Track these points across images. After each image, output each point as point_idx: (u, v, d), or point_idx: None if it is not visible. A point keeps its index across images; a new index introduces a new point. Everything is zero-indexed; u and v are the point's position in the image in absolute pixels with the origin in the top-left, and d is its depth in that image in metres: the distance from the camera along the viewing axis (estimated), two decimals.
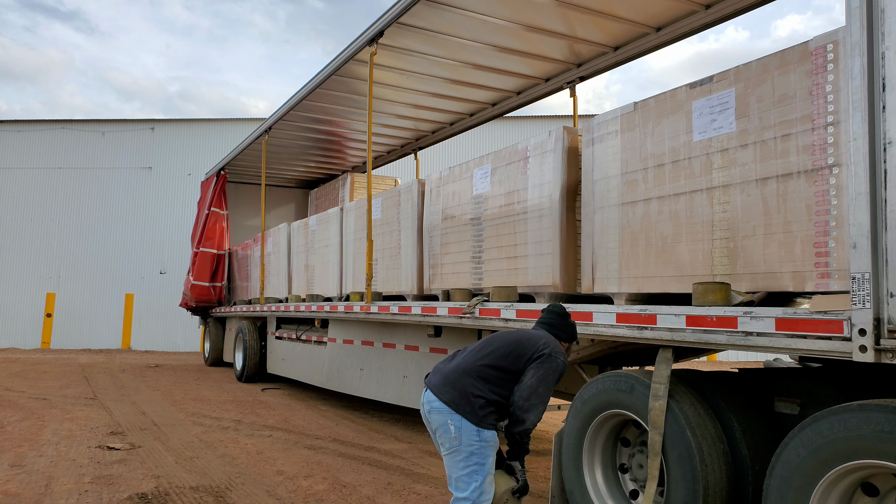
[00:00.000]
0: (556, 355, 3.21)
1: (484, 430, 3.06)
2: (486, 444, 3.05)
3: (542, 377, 3.13)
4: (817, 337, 2.70)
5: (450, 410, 3.08)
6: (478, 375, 3.17)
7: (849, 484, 2.61)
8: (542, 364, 3.15)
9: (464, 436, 3.02)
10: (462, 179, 5.75)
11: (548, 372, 3.15)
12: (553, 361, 3.18)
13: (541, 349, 3.20)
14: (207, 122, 21.25)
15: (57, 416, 7.94)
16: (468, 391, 3.11)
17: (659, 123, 3.84)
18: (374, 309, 6.80)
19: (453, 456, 3.06)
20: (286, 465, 5.77)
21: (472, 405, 3.08)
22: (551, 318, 3.55)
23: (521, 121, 19.83)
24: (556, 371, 3.19)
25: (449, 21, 6.42)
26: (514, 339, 3.32)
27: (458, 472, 3.03)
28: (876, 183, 2.49)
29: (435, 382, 3.23)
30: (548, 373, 3.15)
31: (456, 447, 3.04)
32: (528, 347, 3.23)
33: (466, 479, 3.01)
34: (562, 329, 3.51)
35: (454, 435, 3.04)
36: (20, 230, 20.07)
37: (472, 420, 3.04)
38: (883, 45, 2.50)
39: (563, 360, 3.24)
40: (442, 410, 3.10)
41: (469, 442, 3.02)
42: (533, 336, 3.33)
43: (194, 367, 14.49)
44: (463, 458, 3.02)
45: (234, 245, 13.60)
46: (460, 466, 3.02)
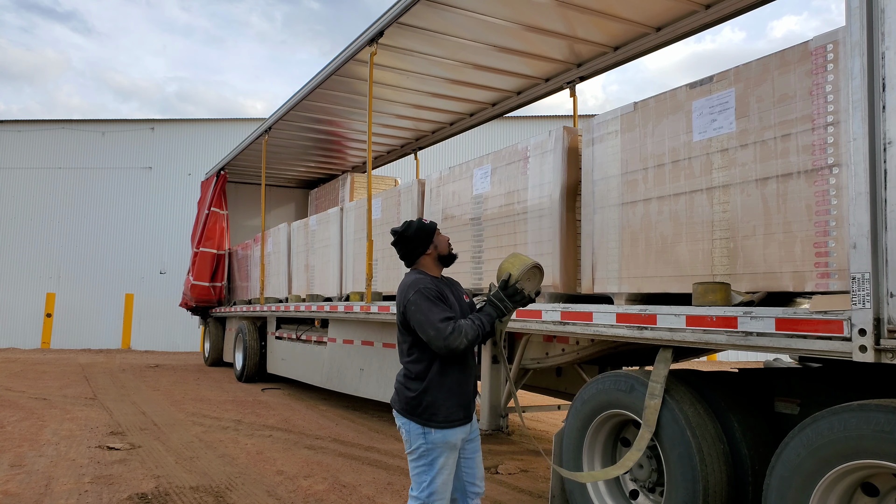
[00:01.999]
0: (413, 295, 2.97)
1: (430, 430, 2.96)
2: (432, 445, 2.96)
3: (420, 318, 2.90)
4: (817, 337, 2.70)
5: (398, 415, 3.09)
6: (402, 372, 3.11)
7: (849, 484, 2.61)
8: (413, 311, 2.94)
9: (412, 438, 3.00)
10: (462, 179, 5.75)
11: (419, 309, 2.92)
12: (415, 299, 2.95)
13: (404, 304, 3.01)
14: (207, 122, 21.26)
15: (57, 416, 7.94)
16: (401, 390, 3.07)
17: (659, 123, 3.84)
18: (374, 309, 6.80)
19: (408, 457, 3.07)
20: (286, 465, 5.77)
21: (408, 403, 3.03)
22: (403, 249, 3.19)
23: (521, 121, 19.83)
24: (421, 294, 2.95)
25: (449, 21, 6.42)
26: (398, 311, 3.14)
27: (411, 472, 3.04)
28: (876, 183, 2.49)
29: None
30: (422, 307, 2.91)
31: (408, 449, 3.05)
32: (400, 311, 3.05)
33: (416, 479, 3.00)
34: (416, 244, 3.16)
35: (406, 438, 3.04)
36: (20, 230, 20.07)
37: (416, 420, 2.99)
38: (883, 45, 2.50)
39: (421, 285, 2.98)
40: (396, 416, 3.11)
41: (416, 444, 2.99)
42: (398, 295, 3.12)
43: (194, 367, 14.49)
44: (413, 460, 3.02)
45: (234, 245, 13.60)
46: (412, 467, 3.03)
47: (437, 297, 2.96)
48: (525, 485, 5.23)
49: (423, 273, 3.15)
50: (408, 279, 3.11)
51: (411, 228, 3.17)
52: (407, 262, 3.25)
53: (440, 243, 3.20)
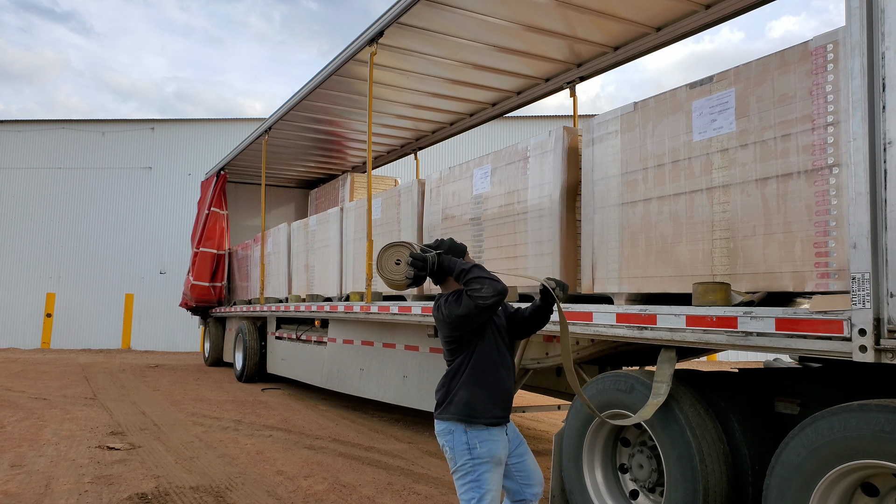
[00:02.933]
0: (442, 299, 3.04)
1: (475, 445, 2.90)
2: (479, 461, 2.90)
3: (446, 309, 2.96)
4: (817, 337, 2.70)
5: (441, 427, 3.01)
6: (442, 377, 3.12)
7: (849, 484, 2.61)
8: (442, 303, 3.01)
9: (457, 454, 2.93)
10: (462, 179, 5.75)
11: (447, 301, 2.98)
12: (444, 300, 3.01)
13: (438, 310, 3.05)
14: (207, 123, 21.26)
15: (57, 416, 7.94)
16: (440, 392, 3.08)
17: (659, 123, 3.84)
18: (374, 309, 6.80)
19: (454, 476, 2.99)
20: (286, 465, 5.77)
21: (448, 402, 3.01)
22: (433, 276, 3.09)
23: (521, 121, 19.83)
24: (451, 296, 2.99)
25: (449, 21, 6.42)
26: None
27: (459, 492, 2.96)
28: (876, 183, 2.49)
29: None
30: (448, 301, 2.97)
31: (453, 467, 2.97)
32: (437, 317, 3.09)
33: (464, 498, 2.93)
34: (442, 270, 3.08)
35: (450, 455, 2.97)
36: (20, 230, 20.07)
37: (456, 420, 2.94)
38: (883, 45, 2.50)
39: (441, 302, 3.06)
40: (439, 432, 3.04)
41: (462, 460, 2.92)
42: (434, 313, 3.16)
43: (194, 367, 14.49)
44: (459, 477, 2.94)
45: (234, 245, 13.60)
46: (459, 486, 2.95)
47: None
48: None
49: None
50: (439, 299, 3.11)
51: (430, 256, 3.08)
52: (436, 282, 3.19)
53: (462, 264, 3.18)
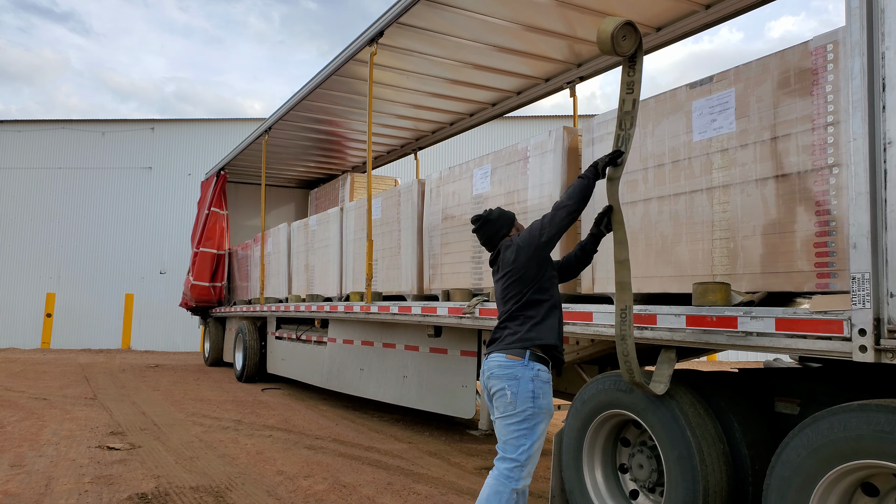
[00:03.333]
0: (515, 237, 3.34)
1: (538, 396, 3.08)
2: (538, 410, 3.08)
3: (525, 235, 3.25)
4: (817, 337, 2.70)
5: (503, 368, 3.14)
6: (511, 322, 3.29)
7: (849, 484, 2.61)
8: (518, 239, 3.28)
9: (519, 400, 3.07)
10: (462, 179, 5.75)
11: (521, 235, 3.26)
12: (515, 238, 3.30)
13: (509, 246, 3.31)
14: (207, 123, 21.26)
15: (57, 416, 7.94)
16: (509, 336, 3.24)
17: (659, 123, 3.84)
18: (374, 309, 6.80)
19: (505, 420, 3.11)
20: (286, 465, 5.77)
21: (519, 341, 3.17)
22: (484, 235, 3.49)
23: (521, 121, 19.83)
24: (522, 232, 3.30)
25: (449, 21, 6.42)
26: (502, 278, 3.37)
27: (508, 436, 3.08)
28: (876, 183, 2.49)
29: (489, 348, 3.33)
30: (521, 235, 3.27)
31: (510, 411, 3.08)
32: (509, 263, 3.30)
33: (514, 443, 3.07)
34: (499, 227, 3.46)
35: (510, 399, 3.09)
36: (20, 230, 20.07)
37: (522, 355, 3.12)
38: (883, 45, 2.50)
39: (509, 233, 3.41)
40: (501, 375, 3.15)
41: (523, 406, 3.07)
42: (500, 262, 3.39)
43: (194, 367, 14.49)
44: (513, 423, 3.07)
45: (234, 245, 13.60)
46: (510, 430, 3.08)
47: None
48: None
49: None
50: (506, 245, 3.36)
51: (494, 213, 3.46)
52: (489, 246, 3.50)
53: (519, 229, 3.49)
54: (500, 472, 3.07)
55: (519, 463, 3.04)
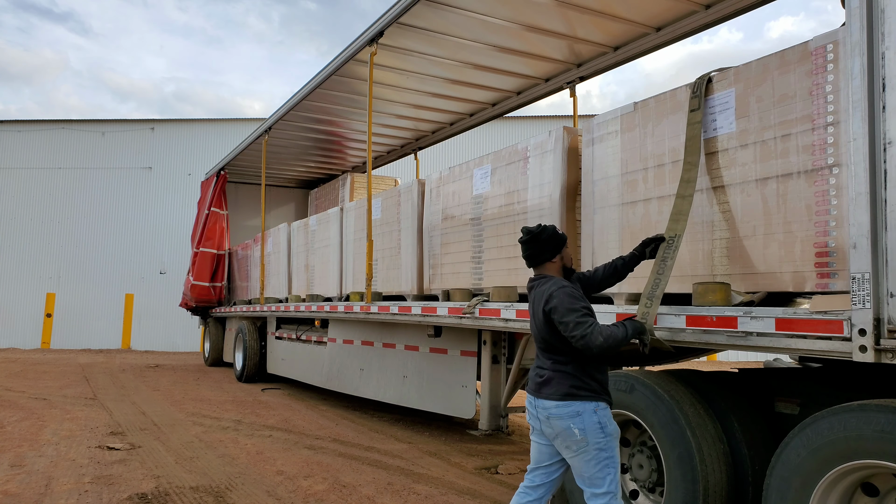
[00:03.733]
0: (554, 292, 3.08)
1: (606, 423, 3.00)
2: (610, 437, 3.01)
3: (564, 314, 2.99)
4: (817, 337, 2.70)
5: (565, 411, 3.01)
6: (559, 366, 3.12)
7: (849, 484, 2.61)
8: (557, 312, 3.02)
9: (590, 434, 2.97)
10: (462, 179, 5.75)
11: (563, 307, 3.01)
12: (555, 295, 3.05)
13: (545, 308, 3.08)
14: (207, 123, 21.26)
15: (57, 416, 7.94)
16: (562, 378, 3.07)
17: (659, 123, 3.84)
18: (374, 309, 6.80)
19: (582, 456, 3.01)
20: (286, 465, 5.77)
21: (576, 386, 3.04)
22: (527, 251, 3.31)
23: (521, 121, 19.83)
24: (564, 292, 3.05)
25: (449, 21, 6.42)
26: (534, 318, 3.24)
27: (591, 471, 2.99)
28: (876, 183, 2.49)
29: (534, 389, 3.18)
30: (564, 307, 3.01)
31: (583, 447, 2.99)
32: (540, 317, 3.15)
33: (600, 474, 2.99)
34: (544, 248, 3.26)
35: (580, 437, 2.98)
36: (20, 230, 20.07)
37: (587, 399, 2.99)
38: (883, 45, 2.50)
39: (560, 284, 3.12)
40: (563, 414, 3.02)
41: (596, 438, 2.98)
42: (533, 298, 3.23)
43: (194, 367, 14.49)
44: (591, 458, 2.98)
45: (234, 245, 13.60)
46: (591, 465, 2.98)
47: (578, 295, 3.09)
48: None
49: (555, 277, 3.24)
50: (543, 286, 3.17)
51: (546, 232, 3.28)
52: (530, 263, 3.34)
53: (566, 255, 3.33)
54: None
55: (613, 493, 2.98)
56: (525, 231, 3.32)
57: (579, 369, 3.05)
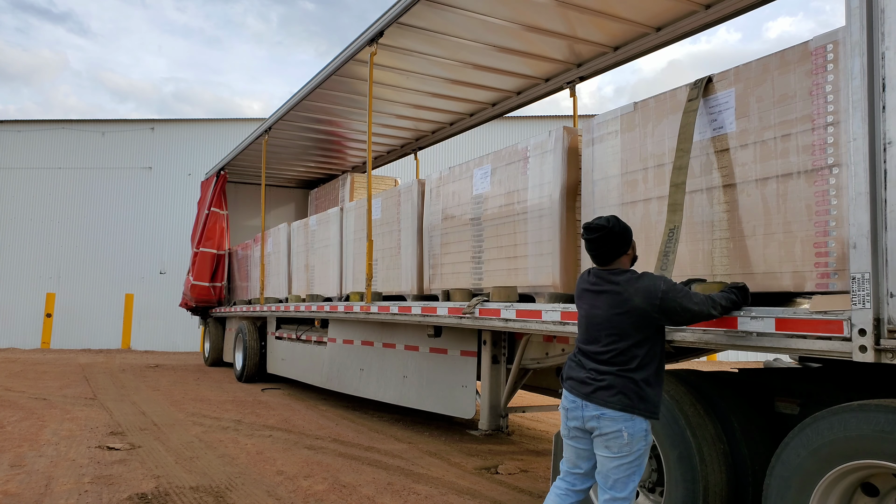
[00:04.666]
0: (664, 285, 2.91)
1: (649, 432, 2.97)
2: (648, 447, 2.97)
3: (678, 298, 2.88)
4: (817, 337, 2.70)
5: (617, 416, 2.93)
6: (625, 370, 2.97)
7: (849, 484, 2.61)
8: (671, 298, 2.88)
9: (634, 440, 2.92)
10: (462, 179, 5.75)
11: (676, 295, 2.89)
12: (667, 288, 2.90)
13: (659, 297, 2.90)
14: (207, 123, 21.25)
15: (57, 416, 7.94)
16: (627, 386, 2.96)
17: (659, 123, 3.84)
18: (374, 309, 6.80)
19: (618, 460, 2.94)
20: (286, 465, 5.77)
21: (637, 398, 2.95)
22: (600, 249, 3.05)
23: (521, 121, 19.82)
24: (665, 282, 2.93)
25: (449, 21, 6.42)
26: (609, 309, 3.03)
27: (619, 474, 2.93)
28: (876, 183, 2.49)
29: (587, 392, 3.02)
30: (677, 295, 2.89)
31: (624, 452, 2.93)
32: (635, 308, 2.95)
33: (623, 481, 2.94)
34: (617, 244, 3.05)
35: (625, 441, 2.91)
36: (20, 230, 20.06)
37: (642, 415, 2.92)
38: (883, 45, 2.50)
39: (655, 276, 2.99)
40: (614, 416, 2.93)
41: (638, 445, 2.93)
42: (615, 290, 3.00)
43: (194, 367, 14.49)
44: (625, 463, 2.93)
45: (234, 245, 13.60)
46: (621, 469, 2.93)
47: (668, 280, 2.99)
48: (525, 485, 5.23)
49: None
50: (630, 275, 3.01)
51: (618, 224, 3.06)
52: (601, 261, 3.11)
53: (634, 248, 3.19)
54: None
55: (630, 499, 2.96)
56: (595, 227, 3.06)
57: (644, 381, 2.93)
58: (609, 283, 3.05)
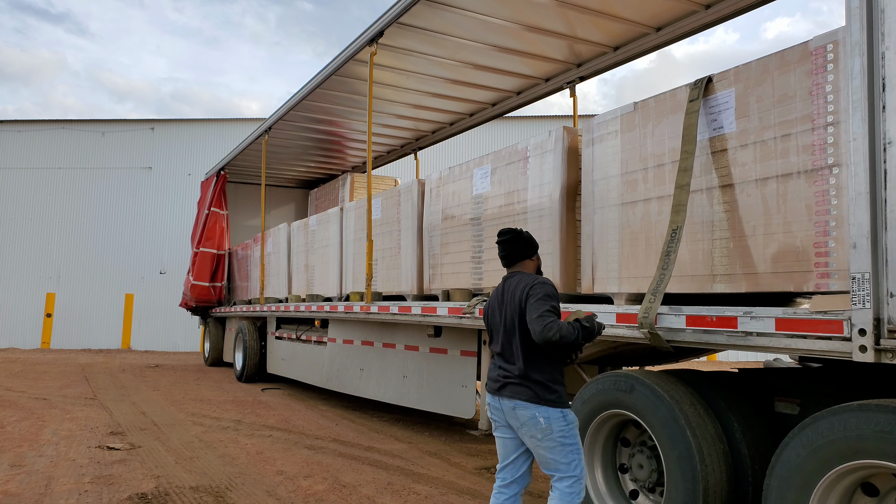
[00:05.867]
0: (538, 283, 3.19)
1: (567, 409, 3.16)
2: (572, 424, 3.15)
3: (537, 302, 3.10)
4: (817, 337, 2.70)
5: (529, 405, 3.14)
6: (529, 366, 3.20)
7: (849, 484, 2.61)
8: (532, 298, 3.13)
9: (553, 423, 3.10)
10: (462, 179, 5.75)
11: (539, 296, 3.12)
12: (539, 287, 3.16)
13: (525, 293, 3.18)
14: (207, 123, 21.25)
15: (57, 416, 7.94)
16: (532, 383, 3.17)
17: (659, 123, 3.84)
18: (374, 309, 6.80)
19: (547, 444, 3.12)
20: (286, 465, 5.77)
21: (546, 392, 3.15)
22: (509, 249, 3.43)
23: (521, 121, 19.82)
24: (546, 288, 3.16)
25: (449, 21, 6.42)
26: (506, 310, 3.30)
27: (557, 457, 3.11)
28: (876, 183, 2.49)
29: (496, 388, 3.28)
30: (540, 296, 3.12)
31: (548, 435, 3.10)
32: (516, 303, 3.22)
33: (565, 460, 3.12)
34: (524, 247, 3.42)
35: (544, 425, 3.10)
36: (20, 230, 20.06)
37: (551, 404, 3.12)
38: (883, 45, 2.50)
39: (543, 279, 3.23)
40: (527, 405, 3.14)
41: (559, 426, 3.10)
42: (510, 289, 3.29)
43: (194, 367, 14.49)
44: (555, 446, 3.10)
45: (234, 245, 13.60)
46: (556, 452, 3.11)
47: (555, 294, 3.19)
48: None
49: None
50: (524, 278, 3.28)
51: (527, 234, 3.48)
52: (508, 262, 3.45)
53: (538, 258, 3.54)
54: (563, 492, 3.11)
55: (576, 477, 3.11)
56: (505, 231, 3.47)
57: (548, 377, 3.16)
58: (508, 283, 3.35)
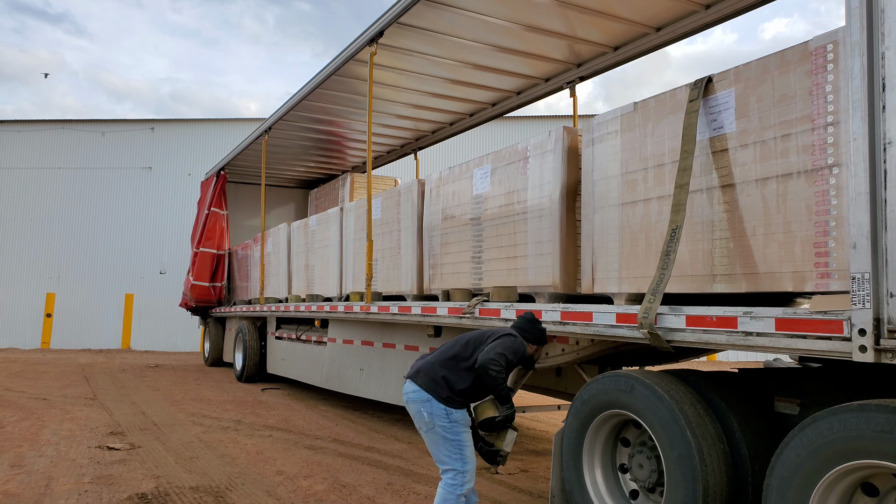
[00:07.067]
0: (515, 336, 3.74)
1: (452, 409, 3.54)
2: (456, 423, 3.51)
3: (500, 343, 3.62)
4: (817, 337, 2.70)
5: (424, 397, 3.57)
6: (445, 366, 3.68)
7: (849, 484, 2.61)
8: (501, 338, 3.68)
9: (436, 417, 3.48)
10: (462, 179, 5.75)
11: (506, 342, 3.62)
12: (511, 338, 3.68)
13: (501, 332, 3.76)
14: (207, 123, 21.25)
15: (57, 416, 7.94)
16: (438, 377, 3.63)
17: (659, 123, 3.84)
18: (374, 309, 6.80)
19: (430, 436, 3.55)
20: (286, 465, 5.77)
21: (440, 388, 3.59)
22: (520, 322, 4.03)
23: (521, 121, 19.83)
24: (515, 345, 3.67)
25: (449, 21, 6.42)
26: (480, 333, 3.86)
27: (443, 451, 3.51)
28: (876, 183, 2.49)
29: (411, 374, 3.78)
30: (506, 343, 3.62)
31: (429, 427, 3.50)
32: (488, 335, 3.78)
33: (449, 454, 3.50)
34: (529, 332, 3.96)
35: (427, 419, 3.51)
36: (20, 230, 20.06)
37: (441, 401, 3.53)
38: (883, 45, 2.50)
39: (521, 342, 3.77)
40: (416, 399, 3.60)
41: (441, 422, 3.48)
42: (499, 329, 3.87)
43: (194, 367, 14.49)
44: (439, 439, 3.49)
45: (234, 245, 13.60)
46: (442, 446, 3.50)
47: (518, 354, 3.74)
48: (525, 485, 5.23)
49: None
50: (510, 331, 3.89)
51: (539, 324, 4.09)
52: (522, 334, 3.97)
53: (538, 353, 4.18)
54: (446, 483, 3.51)
55: (457, 470, 3.48)
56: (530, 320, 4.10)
57: (460, 391, 3.60)
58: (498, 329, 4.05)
